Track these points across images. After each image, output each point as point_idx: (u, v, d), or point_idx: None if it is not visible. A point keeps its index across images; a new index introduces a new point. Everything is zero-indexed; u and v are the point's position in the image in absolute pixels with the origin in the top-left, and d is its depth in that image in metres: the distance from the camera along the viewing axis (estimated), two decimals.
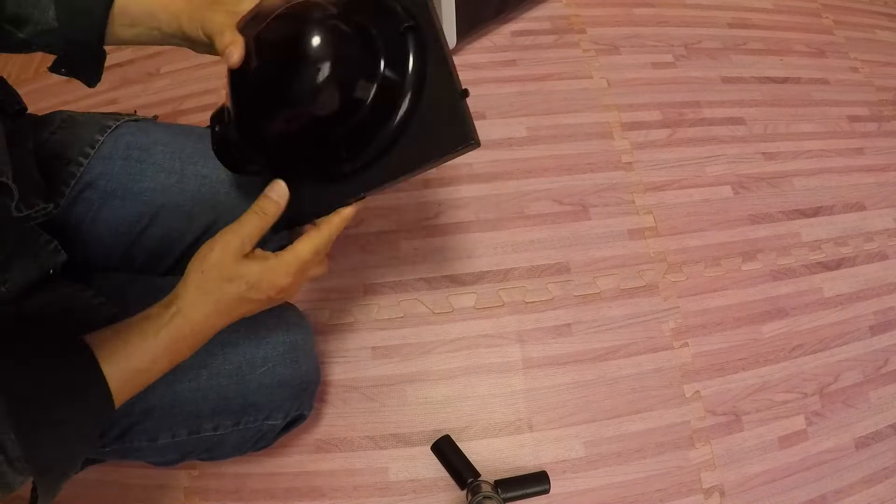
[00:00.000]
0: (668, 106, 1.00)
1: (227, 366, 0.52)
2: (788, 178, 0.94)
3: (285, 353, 0.55)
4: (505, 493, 0.64)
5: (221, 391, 0.53)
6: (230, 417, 0.54)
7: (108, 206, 0.58)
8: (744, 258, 0.87)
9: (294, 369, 0.56)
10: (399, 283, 0.83)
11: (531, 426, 0.74)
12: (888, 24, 1.17)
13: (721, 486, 0.72)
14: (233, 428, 0.55)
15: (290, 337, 0.56)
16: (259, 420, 0.56)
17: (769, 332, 0.82)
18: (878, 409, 0.78)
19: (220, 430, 0.54)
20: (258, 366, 0.54)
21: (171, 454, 0.55)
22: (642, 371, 0.78)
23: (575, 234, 0.87)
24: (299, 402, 0.60)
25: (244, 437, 0.56)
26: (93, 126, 0.58)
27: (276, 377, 0.55)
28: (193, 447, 0.55)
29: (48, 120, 0.58)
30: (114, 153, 0.58)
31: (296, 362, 0.56)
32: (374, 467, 0.72)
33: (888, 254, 0.89)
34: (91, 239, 0.58)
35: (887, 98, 1.06)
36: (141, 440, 0.52)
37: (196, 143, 0.61)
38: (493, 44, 1.07)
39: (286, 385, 0.56)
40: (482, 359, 0.78)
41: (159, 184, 0.59)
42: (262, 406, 0.55)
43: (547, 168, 0.93)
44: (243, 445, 0.58)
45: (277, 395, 0.56)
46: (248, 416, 0.55)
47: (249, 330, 0.53)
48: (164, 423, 0.52)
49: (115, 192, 0.58)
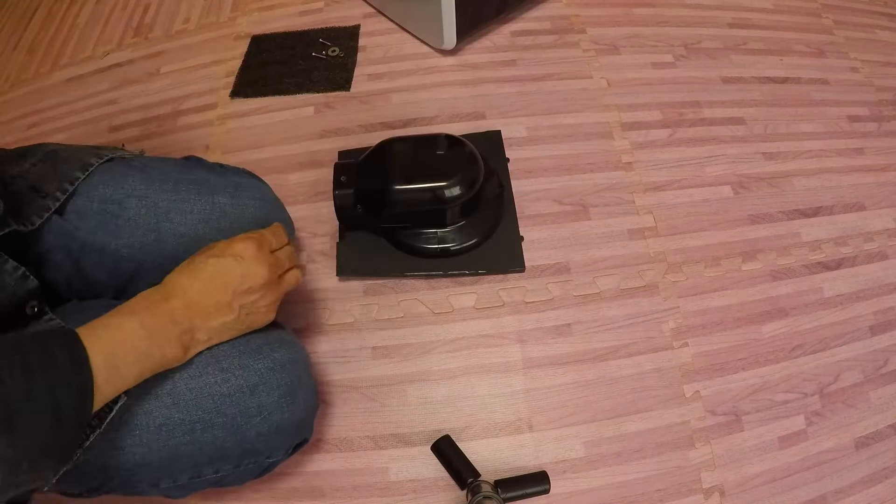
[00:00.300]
0: (668, 106, 1.00)
1: (221, 418, 0.51)
2: (788, 178, 0.94)
3: (281, 397, 0.53)
4: (505, 493, 0.64)
5: (218, 443, 0.51)
6: (230, 462, 0.54)
7: (86, 259, 0.57)
8: (744, 258, 0.87)
9: (291, 412, 0.54)
10: (399, 283, 0.83)
11: (531, 426, 0.74)
12: (888, 24, 1.17)
13: (721, 486, 0.72)
14: (234, 470, 0.54)
15: (286, 378, 0.54)
16: (260, 460, 0.55)
17: (769, 332, 0.82)
18: (878, 409, 0.78)
19: (221, 472, 0.54)
20: (253, 415, 0.52)
21: (176, 493, 0.55)
22: (642, 371, 0.78)
23: (575, 234, 0.87)
24: (300, 437, 0.59)
25: (246, 475, 0.57)
26: (74, 163, 0.57)
27: (273, 424, 0.53)
28: (197, 487, 0.54)
29: (30, 152, 0.57)
30: (88, 207, 0.56)
31: (293, 403, 0.55)
32: (374, 467, 0.72)
33: (888, 254, 0.89)
34: (70, 283, 0.58)
35: (887, 98, 1.06)
36: (142, 485, 0.52)
37: (171, 194, 0.60)
38: (493, 44, 1.07)
39: (284, 430, 0.55)
40: (482, 359, 0.78)
41: (137, 241, 0.58)
42: (262, 450, 0.55)
43: (547, 168, 0.93)
44: (247, 478, 0.58)
45: (275, 440, 0.55)
46: (247, 460, 0.54)
47: (240, 378, 0.52)
48: (163, 472, 0.51)
49: (93, 247, 0.57)
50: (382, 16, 1.11)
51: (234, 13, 1.17)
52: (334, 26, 1.11)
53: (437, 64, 1.05)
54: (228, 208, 0.62)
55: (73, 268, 0.57)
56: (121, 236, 0.57)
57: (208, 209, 0.61)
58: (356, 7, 1.14)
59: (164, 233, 0.59)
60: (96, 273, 0.58)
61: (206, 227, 0.61)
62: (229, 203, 0.62)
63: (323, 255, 0.86)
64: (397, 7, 1.07)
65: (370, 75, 1.04)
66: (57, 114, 1.07)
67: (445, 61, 1.05)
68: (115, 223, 0.57)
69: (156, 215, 0.58)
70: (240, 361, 0.52)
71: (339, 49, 1.07)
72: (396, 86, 1.03)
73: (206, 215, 0.61)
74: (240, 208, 0.63)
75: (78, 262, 0.57)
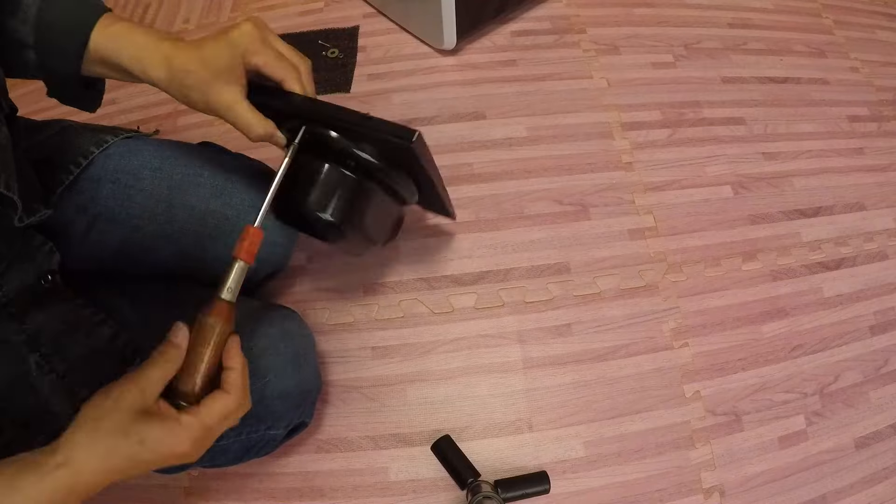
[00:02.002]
0: (668, 106, 1.00)
1: None
2: (788, 178, 0.94)
3: (287, 363, 0.55)
4: (505, 493, 0.65)
5: None
6: (232, 428, 0.54)
7: (97, 230, 0.57)
8: (744, 258, 0.87)
9: (296, 379, 0.56)
10: (399, 283, 0.83)
11: (531, 426, 0.74)
12: (888, 24, 1.17)
13: (721, 486, 0.72)
14: (235, 437, 0.55)
15: (292, 347, 0.56)
16: (261, 430, 0.56)
17: (769, 332, 0.82)
18: (878, 409, 0.78)
19: (223, 439, 0.54)
20: (259, 378, 0.53)
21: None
22: (642, 371, 0.78)
23: (575, 234, 0.87)
24: (301, 411, 0.60)
25: (246, 446, 0.56)
26: (89, 138, 0.58)
27: (277, 389, 0.54)
28: None
29: (45, 126, 0.58)
30: (102, 176, 0.57)
31: (298, 372, 0.56)
32: (374, 467, 0.72)
33: (888, 254, 0.89)
34: (80, 254, 0.58)
35: (887, 98, 1.06)
36: None
37: (185, 167, 0.60)
38: (493, 44, 1.07)
39: (288, 396, 0.56)
40: (482, 359, 0.78)
41: (147, 211, 0.58)
42: (264, 417, 0.55)
43: (547, 168, 0.93)
44: (245, 454, 0.58)
45: (279, 406, 0.56)
46: (249, 427, 0.55)
47: (250, 340, 0.53)
48: None
49: (103, 216, 0.57)
50: (382, 16, 1.11)
51: (234, 13, 1.17)
52: (334, 27, 1.11)
53: (437, 64, 1.05)
54: (241, 186, 0.62)
55: (84, 236, 0.57)
56: (133, 206, 0.57)
57: (220, 184, 0.60)
58: (356, 7, 1.14)
59: (175, 204, 0.58)
60: (108, 242, 0.58)
61: (218, 201, 0.60)
62: (242, 182, 0.62)
63: (322, 255, 0.86)
64: (397, 7, 1.07)
65: (370, 75, 1.04)
66: (56, 114, 1.07)
67: (445, 61, 1.05)
68: (127, 193, 0.57)
69: (168, 187, 0.58)
70: (251, 326, 0.54)
71: (339, 51, 1.07)
72: (396, 86, 1.03)
73: (219, 190, 0.60)
74: (254, 189, 0.63)
75: (90, 231, 0.57)
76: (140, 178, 0.58)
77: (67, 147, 0.56)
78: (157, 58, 0.44)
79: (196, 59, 0.44)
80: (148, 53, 0.44)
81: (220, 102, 0.45)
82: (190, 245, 0.60)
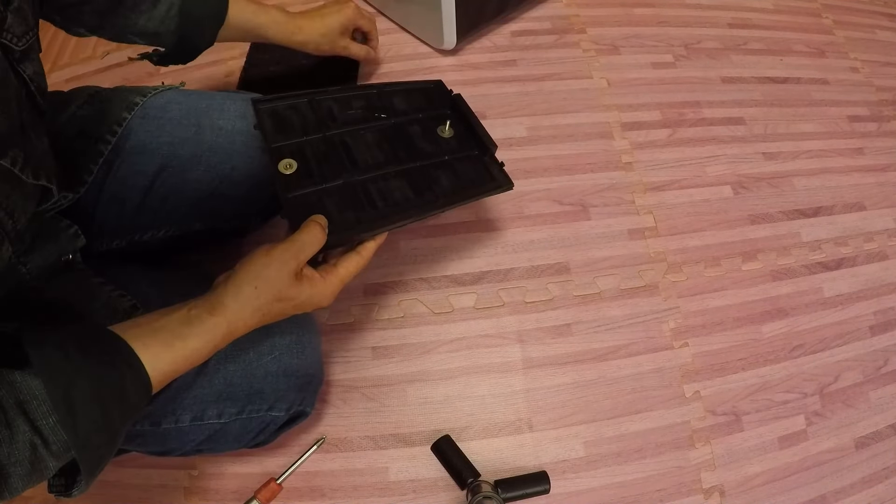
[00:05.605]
0: (668, 106, 1.00)
1: (235, 351, 0.53)
2: (788, 178, 0.94)
3: (292, 343, 0.57)
4: (505, 493, 0.65)
5: (228, 377, 0.53)
6: (234, 405, 0.54)
7: (127, 163, 0.60)
8: (744, 258, 0.87)
9: (300, 360, 0.57)
10: (399, 283, 0.83)
11: (531, 426, 0.74)
12: (888, 24, 1.18)
13: (721, 486, 0.72)
14: (236, 416, 0.55)
15: (298, 330, 0.58)
16: (263, 410, 0.56)
17: (769, 332, 0.82)
18: (878, 409, 0.78)
19: (224, 417, 0.54)
20: (265, 353, 0.55)
21: (173, 442, 0.55)
22: (642, 371, 0.78)
23: (575, 234, 0.87)
24: (302, 396, 0.60)
25: (246, 427, 0.57)
26: (119, 103, 0.60)
27: (281, 365, 0.56)
28: (195, 435, 0.54)
29: (73, 96, 0.60)
30: (134, 126, 0.61)
31: (302, 353, 0.57)
32: (374, 467, 0.72)
33: (888, 254, 0.89)
34: (107, 196, 0.60)
35: (887, 98, 1.06)
36: (143, 424, 0.52)
37: (209, 100, 0.65)
38: (493, 44, 1.07)
39: (291, 375, 0.57)
40: (482, 359, 0.78)
41: (177, 137, 0.61)
42: (267, 395, 0.56)
43: (547, 168, 0.93)
44: (244, 437, 0.58)
45: (282, 385, 0.56)
46: (252, 405, 0.55)
47: None
48: (167, 408, 0.52)
49: (134, 149, 0.60)
50: (382, 16, 1.11)
51: None
52: None
53: (437, 64, 1.05)
54: None
55: (116, 172, 0.60)
56: (161, 135, 0.61)
57: (244, 108, 0.65)
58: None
59: (204, 126, 0.63)
60: (139, 177, 0.61)
61: (244, 122, 0.64)
62: None
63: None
64: (397, 7, 1.07)
65: (370, 75, 1.04)
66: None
67: (445, 61, 1.05)
68: (156, 123, 0.61)
69: (196, 114, 0.63)
70: None
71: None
72: None
73: (244, 111, 0.65)
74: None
75: (116, 168, 0.59)
76: (167, 111, 0.62)
77: (99, 117, 0.59)
78: (292, 28, 0.70)
79: (321, 27, 0.73)
80: (289, 27, 0.69)
81: (341, 47, 0.78)
82: (219, 162, 0.63)
